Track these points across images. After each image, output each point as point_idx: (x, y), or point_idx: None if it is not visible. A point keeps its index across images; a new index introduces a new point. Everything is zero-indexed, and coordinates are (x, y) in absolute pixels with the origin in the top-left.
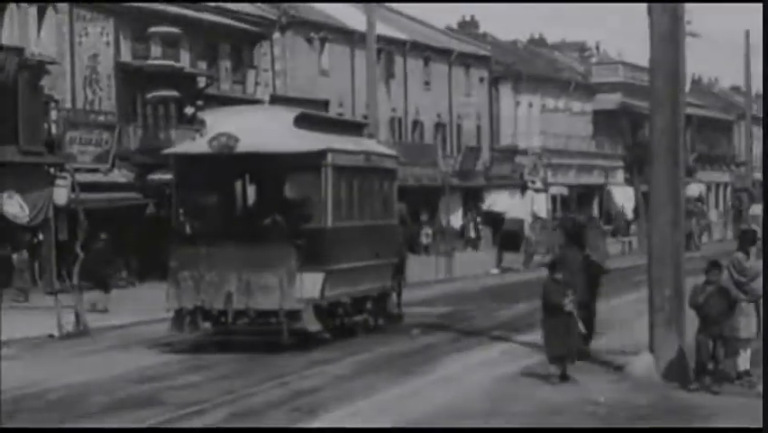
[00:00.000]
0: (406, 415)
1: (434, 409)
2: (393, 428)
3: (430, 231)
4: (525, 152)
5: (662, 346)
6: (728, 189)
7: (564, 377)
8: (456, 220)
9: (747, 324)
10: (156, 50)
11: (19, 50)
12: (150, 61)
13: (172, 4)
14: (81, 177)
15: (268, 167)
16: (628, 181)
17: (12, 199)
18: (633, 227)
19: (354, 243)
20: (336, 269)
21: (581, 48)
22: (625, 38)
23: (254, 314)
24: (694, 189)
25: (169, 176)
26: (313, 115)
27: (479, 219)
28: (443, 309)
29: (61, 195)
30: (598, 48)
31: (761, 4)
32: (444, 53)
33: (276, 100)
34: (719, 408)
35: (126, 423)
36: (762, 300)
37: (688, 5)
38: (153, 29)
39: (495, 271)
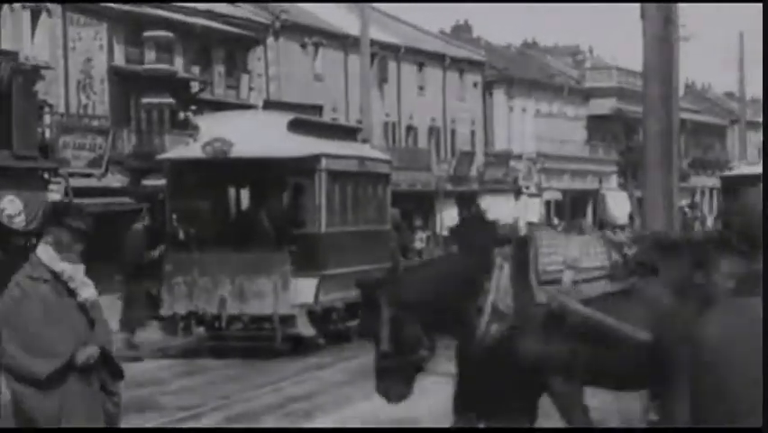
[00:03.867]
0: (401, 419)
1: (428, 414)
2: (392, 428)
3: (424, 236)
4: (519, 157)
5: None
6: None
7: None
8: (450, 225)
9: None
10: (150, 54)
11: (13, 55)
12: (143, 66)
13: (166, 8)
14: (75, 182)
15: (261, 172)
16: (622, 186)
17: (13, 203)
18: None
19: (348, 248)
20: (330, 274)
21: (575, 52)
22: (618, 42)
23: (248, 319)
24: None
25: (162, 181)
26: (306, 120)
27: None
28: None
29: (55, 200)
30: (591, 52)
31: (754, 9)
32: (438, 58)
33: (269, 105)
34: None
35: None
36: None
37: (681, 9)
38: (147, 33)
39: None
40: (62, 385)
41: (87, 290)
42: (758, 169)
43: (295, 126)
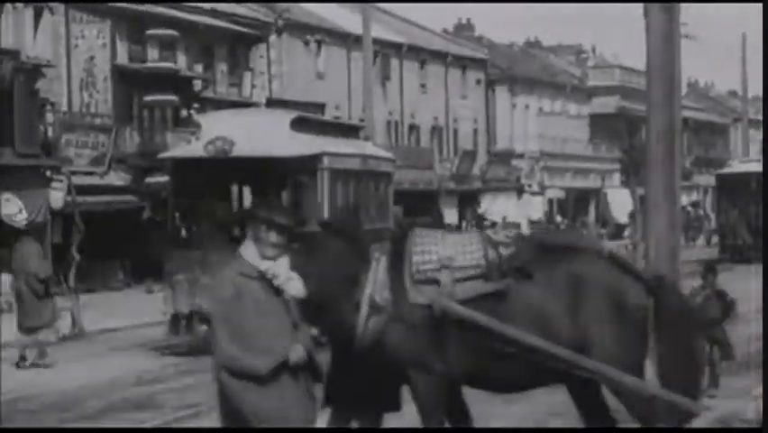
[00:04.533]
0: (403, 417)
1: None
2: (392, 428)
3: None
4: (521, 156)
5: None
6: None
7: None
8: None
9: None
10: (152, 52)
11: (15, 53)
12: (146, 64)
13: (169, 6)
14: (77, 180)
15: (264, 171)
16: (625, 184)
17: (10, 202)
18: (627, 231)
19: None
20: None
21: (578, 51)
22: (621, 41)
23: None
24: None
25: (165, 179)
26: (309, 119)
27: (473, 223)
28: None
29: (57, 198)
30: (594, 50)
31: (757, 7)
32: (440, 56)
33: (272, 103)
34: (716, 411)
35: (123, 426)
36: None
37: (683, 8)
38: (150, 31)
39: None
40: (279, 383)
41: (293, 285)
42: (753, 166)
43: (297, 125)
